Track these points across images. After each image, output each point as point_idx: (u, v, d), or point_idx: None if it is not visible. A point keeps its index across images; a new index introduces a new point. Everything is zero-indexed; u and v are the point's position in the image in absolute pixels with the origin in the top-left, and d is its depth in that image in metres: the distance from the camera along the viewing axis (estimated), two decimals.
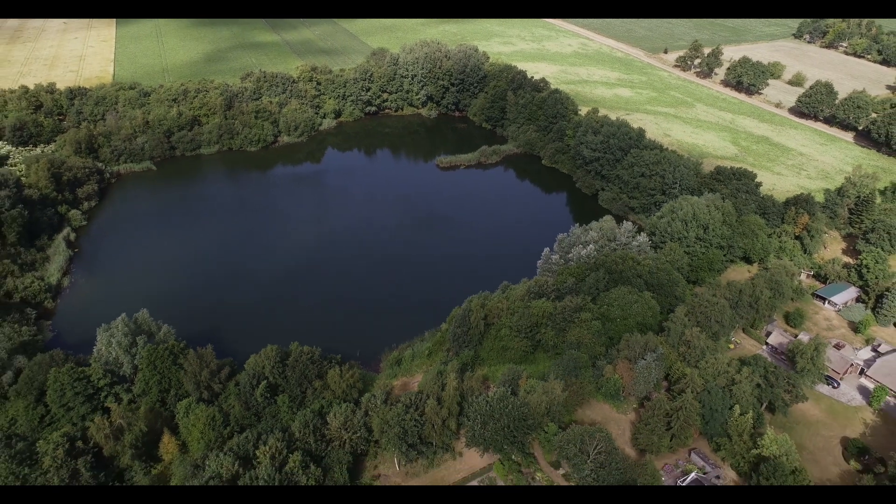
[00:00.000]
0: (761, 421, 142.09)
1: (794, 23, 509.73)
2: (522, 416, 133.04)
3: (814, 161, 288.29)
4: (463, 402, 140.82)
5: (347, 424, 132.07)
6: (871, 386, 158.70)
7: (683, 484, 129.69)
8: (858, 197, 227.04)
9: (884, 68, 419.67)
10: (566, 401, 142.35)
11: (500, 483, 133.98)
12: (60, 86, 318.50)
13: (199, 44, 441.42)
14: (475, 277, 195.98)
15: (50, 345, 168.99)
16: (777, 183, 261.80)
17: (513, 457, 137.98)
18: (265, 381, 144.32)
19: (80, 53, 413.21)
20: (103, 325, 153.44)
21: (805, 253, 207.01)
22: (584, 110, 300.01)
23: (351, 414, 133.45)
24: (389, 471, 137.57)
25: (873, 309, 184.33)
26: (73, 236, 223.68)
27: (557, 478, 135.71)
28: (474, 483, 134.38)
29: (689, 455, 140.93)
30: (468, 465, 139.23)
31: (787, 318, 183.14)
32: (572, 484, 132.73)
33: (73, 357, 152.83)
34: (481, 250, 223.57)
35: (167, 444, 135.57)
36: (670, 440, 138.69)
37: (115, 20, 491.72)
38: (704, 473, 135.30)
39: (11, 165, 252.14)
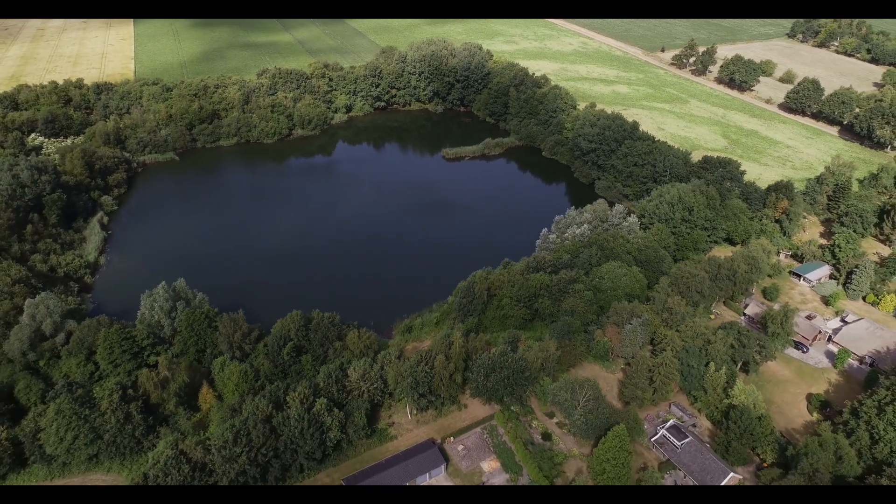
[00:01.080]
0: (735, 378, 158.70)
1: (788, 23, 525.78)
2: (521, 369, 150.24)
3: (799, 153, 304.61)
4: (468, 359, 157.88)
5: (366, 376, 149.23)
6: (837, 350, 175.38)
7: (664, 429, 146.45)
8: (836, 184, 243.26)
9: (872, 66, 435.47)
10: (560, 359, 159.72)
11: (501, 430, 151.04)
12: (86, 82, 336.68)
13: (214, 41, 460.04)
14: (479, 256, 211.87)
15: (91, 315, 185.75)
16: (763, 173, 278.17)
17: (512, 408, 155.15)
18: (291, 342, 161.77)
19: (102, 51, 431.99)
20: (146, 292, 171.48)
21: (784, 235, 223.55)
22: (582, 106, 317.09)
23: (369, 367, 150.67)
24: (402, 419, 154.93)
25: (844, 285, 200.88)
26: (105, 219, 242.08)
27: (552, 426, 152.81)
28: (477, 430, 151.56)
29: (669, 407, 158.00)
30: (472, 415, 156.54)
31: (765, 293, 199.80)
32: (565, 431, 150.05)
33: (117, 322, 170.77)
34: (485, 233, 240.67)
35: (205, 395, 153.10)
36: (653, 394, 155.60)
37: (132, 19, 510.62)
38: (682, 422, 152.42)
39: (46, 155, 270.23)
